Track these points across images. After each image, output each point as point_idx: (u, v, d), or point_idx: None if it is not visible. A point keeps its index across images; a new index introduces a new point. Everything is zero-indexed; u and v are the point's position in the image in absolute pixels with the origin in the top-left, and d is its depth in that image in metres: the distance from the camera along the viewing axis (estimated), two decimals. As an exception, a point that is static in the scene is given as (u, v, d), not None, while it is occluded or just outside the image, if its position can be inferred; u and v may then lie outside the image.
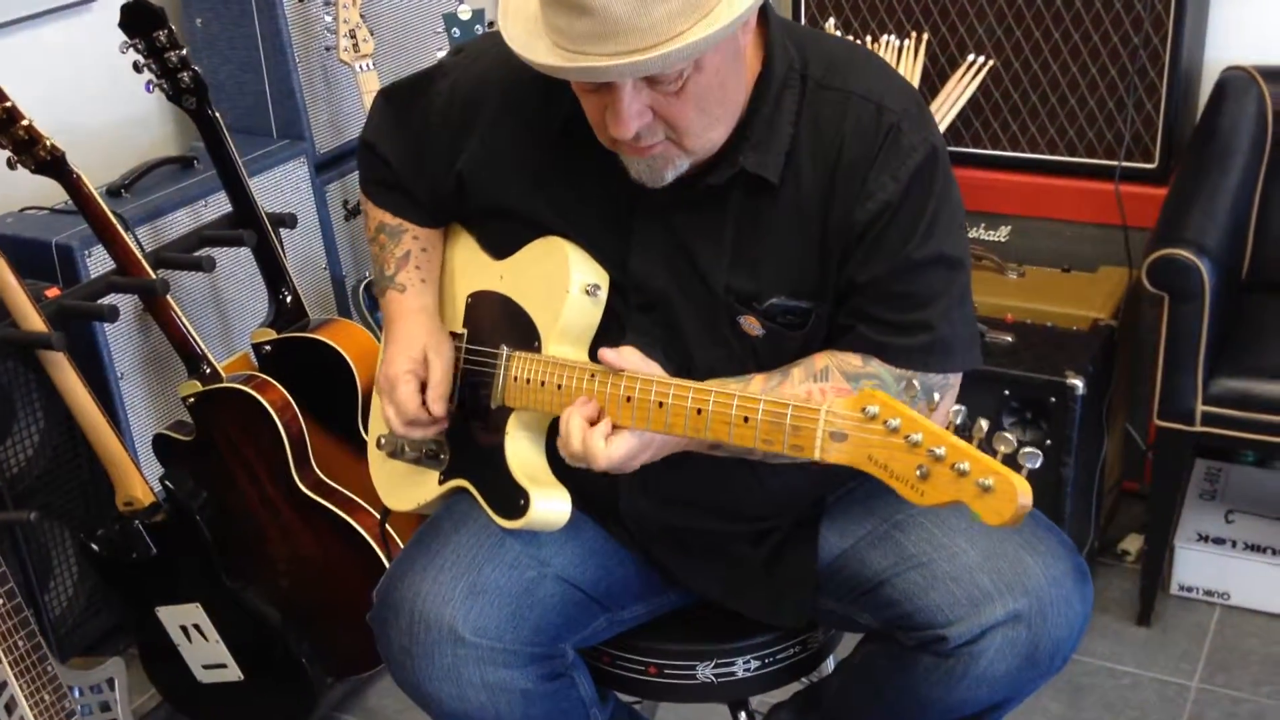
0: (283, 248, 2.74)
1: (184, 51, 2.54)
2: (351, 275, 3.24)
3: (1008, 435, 1.27)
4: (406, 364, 1.73)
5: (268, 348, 2.63)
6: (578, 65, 1.41)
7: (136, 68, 2.56)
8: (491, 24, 3.11)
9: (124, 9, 2.52)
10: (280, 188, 3.02)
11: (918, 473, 1.29)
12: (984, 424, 1.27)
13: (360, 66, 2.98)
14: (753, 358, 1.61)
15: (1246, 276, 2.87)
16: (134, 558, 2.44)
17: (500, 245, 1.74)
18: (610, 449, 1.50)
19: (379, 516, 2.48)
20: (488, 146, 1.69)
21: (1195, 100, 3.04)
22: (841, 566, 1.71)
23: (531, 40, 1.48)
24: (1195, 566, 2.82)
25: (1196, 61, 3.00)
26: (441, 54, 3.07)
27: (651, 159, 1.53)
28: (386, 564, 2.45)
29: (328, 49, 3.04)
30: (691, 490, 1.68)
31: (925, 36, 3.02)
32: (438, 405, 1.72)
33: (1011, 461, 1.27)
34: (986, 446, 1.27)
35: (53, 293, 2.44)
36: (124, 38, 2.53)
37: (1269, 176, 2.84)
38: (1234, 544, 2.81)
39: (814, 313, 1.60)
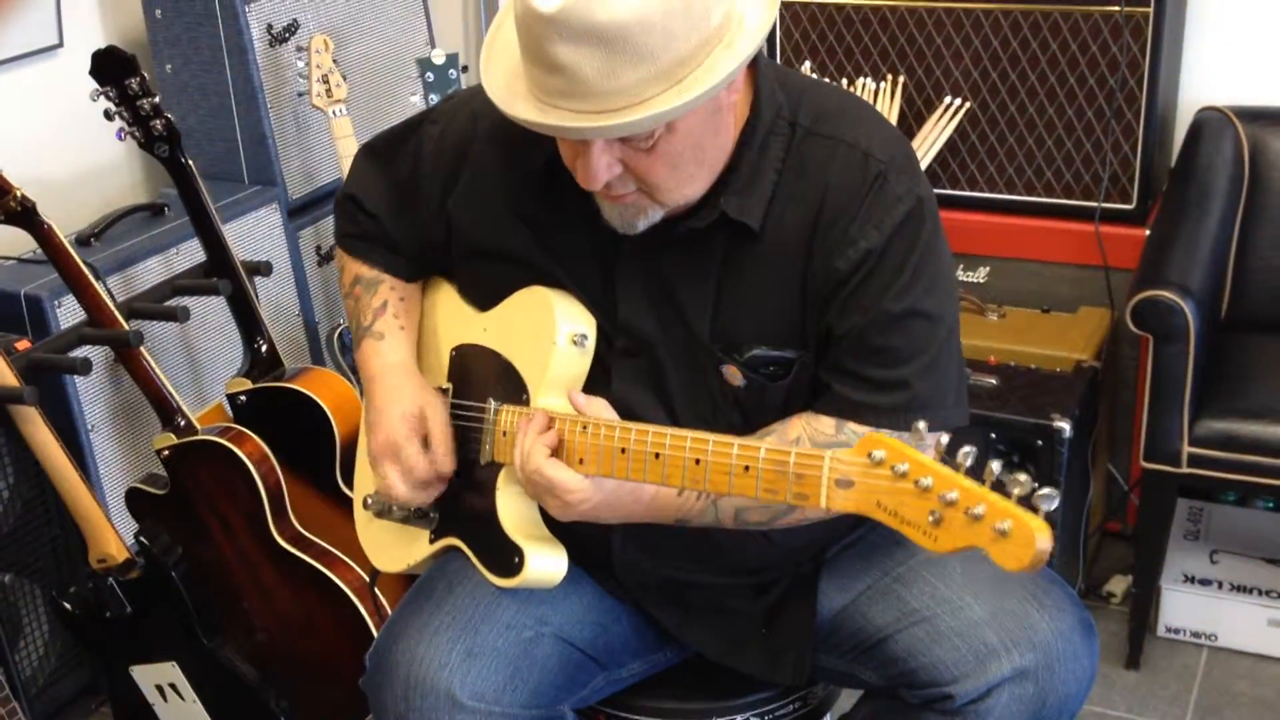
0: (257, 296, 2.70)
1: (156, 99, 2.50)
2: (325, 322, 3.19)
3: (1021, 476, 1.23)
4: (406, 425, 1.69)
5: (243, 398, 2.58)
6: (548, 121, 1.40)
7: (108, 115, 2.52)
8: (465, 68, 3.09)
9: (95, 56, 2.48)
10: (253, 234, 2.98)
11: (930, 518, 1.26)
12: (995, 466, 1.24)
13: (334, 112, 2.95)
14: (736, 407, 1.59)
15: (1225, 316, 2.87)
16: (108, 616, 2.38)
17: (485, 294, 1.71)
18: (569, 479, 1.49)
19: (366, 576, 2.43)
20: (475, 186, 1.67)
21: (1170, 141, 3.05)
22: (842, 622, 1.68)
23: (512, 85, 1.47)
24: (1182, 608, 2.80)
25: (1171, 102, 3.01)
26: (415, 99, 3.05)
27: (624, 207, 1.52)
28: (369, 621, 2.42)
29: (300, 94, 3.00)
30: (686, 542, 1.64)
31: (901, 79, 3.02)
32: (446, 462, 1.68)
33: (1026, 503, 1.23)
34: (999, 488, 1.24)
35: (23, 345, 2.39)
36: (94, 85, 2.49)
37: (1246, 216, 2.84)
38: (1220, 585, 2.80)
39: (798, 362, 1.57)
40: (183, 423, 2.45)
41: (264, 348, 2.66)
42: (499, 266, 1.66)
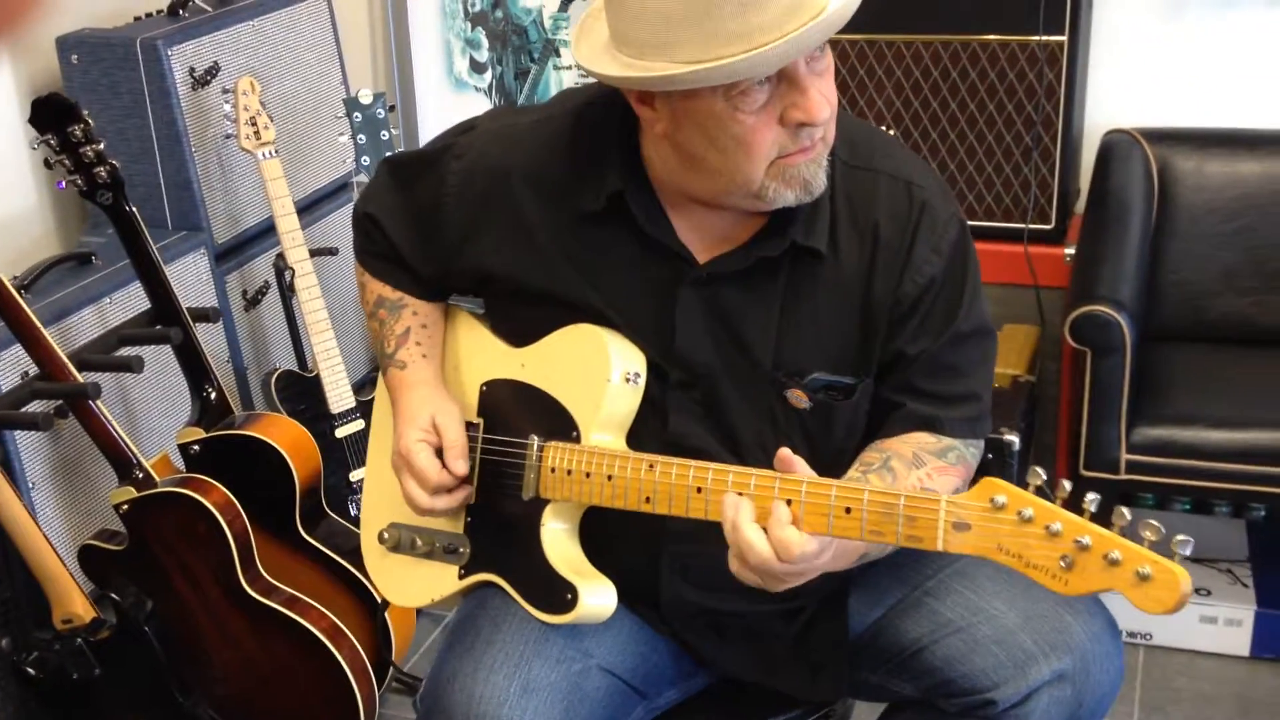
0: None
1: (101, 145, 2.45)
2: (254, 367, 3.14)
3: (1152, 522, 1.29)
4: (416, 434, 1.69)
5: (196, 448, 2.53)
6: (796, 33, 1.39)
7: (47, 164, 2.46)
8: (393, 107, 3.08)
9: (35, 104, 2.42)
10: (180, 280, 2.91)
11: (1061, 563, 1.31)
12: (1125, 512, 1.30)
13: (263, 154, 2.91)
14: (800, 430, 1.62)
15: (1143, 328, 3.00)
16: (75, 678, 2.31)
17: (523, 331, 1.71)
18: (804, 538, 1.42)
19: (334, 617, 2.41)
20: (518, 232, 1.67)
21: (1079, 163, 3.18)
22: (875, 636, 1.72)
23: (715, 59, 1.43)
24: (1118, 609, 2.89)
25: (1080, 126, 3.14)
26: (344, 139, 3.03)
27: (810, 160, 1.51)
28: (344, 664, 2.39)
29: (227, 137, 2.96)
30: (730, 574, 1.67)
31: (825, 109, 3.10)
32: (459, 464, 1.68)
33: (1163, 548, 1.29)
34: (1131, 534, 1.29)
35: (-29, 402, 2.31)
36: (34, 133, 2.43)
37: (1158, 232, 2.98)
38: (1152, 585, 2.92)
39: (858, 387, 1.62)
40: (141, 475, 2.39)
41: (213, 395, 2.62)
42: (544, 308, 1.67)
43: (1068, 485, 1.35)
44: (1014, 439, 2.65)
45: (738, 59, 1.40)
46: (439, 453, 1.70)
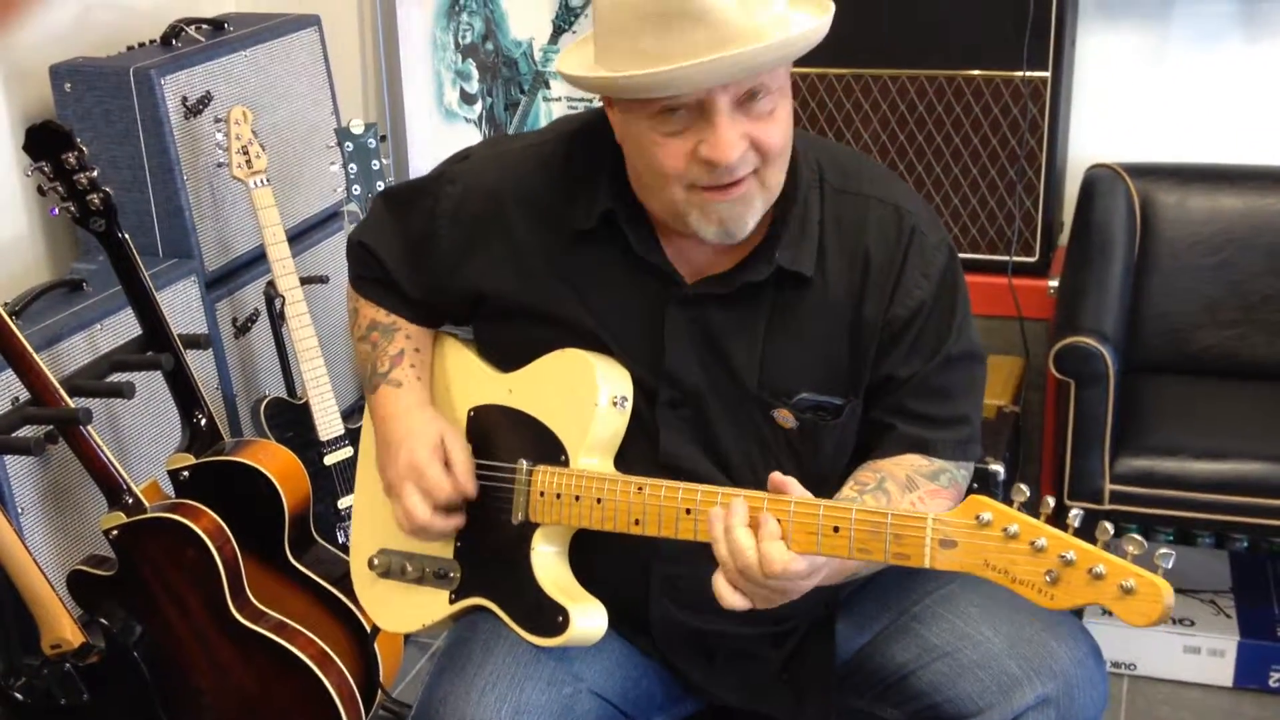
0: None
1: (95, 173, 2.46)
2: (243, 395, 3.15)
3: (1135, 537, 1.31)
4: (427, 449, 1.70)
5: (186, 474, 2.54)
6: (713, 57, 1.41)
7: (41, 191, 2.48)
8: (384, 137, 3.10)
9: (30, 131, 2.44)
10: (171, 307, 2.92)
11: (1046, 577, 1.33)
12: (1109, 527, 1.32)
13: (254, 183, 2.93)
14: (788, 450, 1.65)
15: (1126, 359, 3.03)
16: (63, 704, 2.31)
17: (516, 355, 1.73)
18: (788, 555, 1.43)
19: (324, 645, 2.41)
20: (511, 252, 1.69)
21: (1063, 197, 3.22)
22: (862, 661, 1.73)
23: (653, 67, 1.45)
24: (1102, 639, 2.90)
25: (1063, 160, 3.18)
26: (335, 168, 3.05)
27: (733, 201, 1.53)
28: (331, 691, 2.39)
29: (219, 165, 2.98)
30: None
31: (812, 141, 3.13)
32: (469, 484, 1.69)
33: (1145, 562, 1.31)
34: (1115, 548, 1.32)
35: (-39, 427, 2.32)
36: (28, 160, 2.45)
37: (1140, 265, 3.02)
38: (1136, 615, 2.94)
39: (846, 407, 1.64)
40: (131, 501, 2.40)
41: (203, 422, 2.63)
42: (536, 327, 1.69)
43: (1051, 501, 1.37)
44: (999, 469, 2.67)
45: (638, 74, 1.44)
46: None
